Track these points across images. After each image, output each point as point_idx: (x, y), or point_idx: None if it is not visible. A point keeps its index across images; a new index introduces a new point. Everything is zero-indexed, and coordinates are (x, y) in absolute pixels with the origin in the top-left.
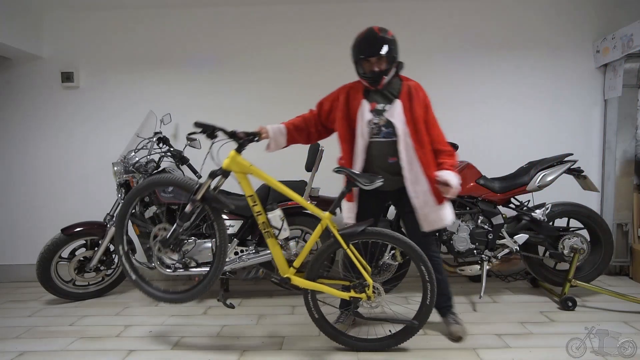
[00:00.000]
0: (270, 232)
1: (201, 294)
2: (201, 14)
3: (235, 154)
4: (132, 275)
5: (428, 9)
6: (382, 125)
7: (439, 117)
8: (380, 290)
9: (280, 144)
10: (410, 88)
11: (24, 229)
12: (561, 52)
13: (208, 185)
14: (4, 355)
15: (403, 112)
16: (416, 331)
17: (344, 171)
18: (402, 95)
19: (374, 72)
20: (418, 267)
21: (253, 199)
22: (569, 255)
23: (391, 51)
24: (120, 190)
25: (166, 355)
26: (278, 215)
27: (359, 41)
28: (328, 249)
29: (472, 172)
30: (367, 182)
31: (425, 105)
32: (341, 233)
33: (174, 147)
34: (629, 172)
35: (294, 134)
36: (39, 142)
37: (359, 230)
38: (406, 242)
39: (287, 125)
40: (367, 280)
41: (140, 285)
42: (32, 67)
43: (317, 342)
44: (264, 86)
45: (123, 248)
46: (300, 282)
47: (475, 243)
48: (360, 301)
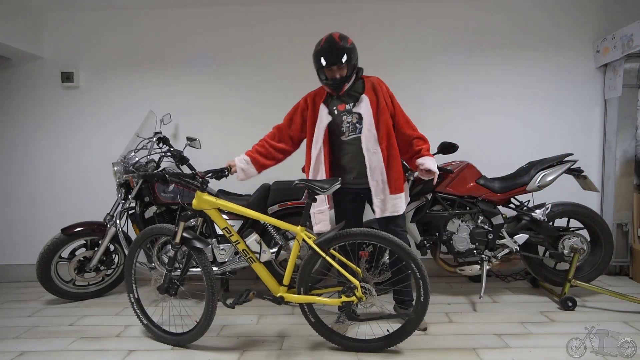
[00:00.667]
0: (253, 257)
1: (200, 334)
2: (201, 14)
3: (199, 193)
4: (143, 320)
5: (428, 8)
6: (355, 122)
7: (439, 117)
8: (371, 290)
9: (250, 173)
10: (374, 83)
11: (24, 229)
12: (561, 52)
13: (182, 227)
14: (4, 355)
15: (370, 104)
16: (413, 329)
17: (302, 183)
18: (367, 91)
19: (336, 79)
20: (407, 264)
21: (228, 230)
22: (569, 255)
23: (351, 59)
24: (120, 190)
25: (166, 355)
26: (254, 240)
27: (320, 50)
28: (310, 261)
29: (472, 172)
30: (325, 187)
31: (389, 95)
32: (317, 242)
33: (174, 147)
34: (629, 172)
35: (259, 161)
36: (39, 142)
37: (332, 236)
38: (390, 239)
39: (252, 155)
40: (354, 283)
41: (151, 329)
42: (32, 67)
43: (317, 342)
44: (264, 86)
45: (134, 296)
46: (293, 299)
47: (475, 243)
48: (354, 303)
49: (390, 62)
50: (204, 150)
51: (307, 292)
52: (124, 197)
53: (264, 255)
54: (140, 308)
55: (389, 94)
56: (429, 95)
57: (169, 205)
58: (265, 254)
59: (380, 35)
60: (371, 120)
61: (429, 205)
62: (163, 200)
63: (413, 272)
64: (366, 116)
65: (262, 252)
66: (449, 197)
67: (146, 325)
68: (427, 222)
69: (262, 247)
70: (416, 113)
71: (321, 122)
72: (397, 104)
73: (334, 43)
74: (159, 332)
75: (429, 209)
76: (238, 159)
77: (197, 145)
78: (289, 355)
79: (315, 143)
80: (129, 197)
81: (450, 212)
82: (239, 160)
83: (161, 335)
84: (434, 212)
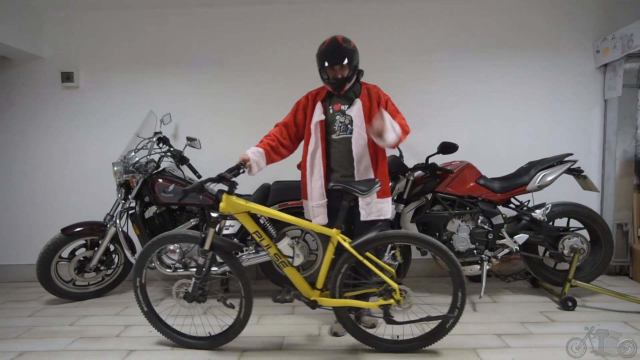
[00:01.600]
0: (285, 261)
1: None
2: (201, 14)
3: (228, 196)
4: (143, 307)
5: (428, 8)
6: (347, 123)
7: (439, 117)
8: (407, 291)
9: (261, 167)
10: (369, 89)
11: (24, 229)
12: (561, 52)
13: (212, 234)
14: (4, 355)
15: (362, 108)
16: (449, 329)
17: (340, 185)
18: (362, 96)
19: (337, 78)
20: (446, 263)
21: (258, 234)
22: (569, 255)
23: (352, 60)
24: (120, 190)
25: (166, 355)
26: (287, 244)
27: (323, 51)
28: (344, 264)
29: (472, 172)
30: (364, 190)
31: (385, 101)
32: (353, 245)
33: (174, 147)
34: (629, 172)
35: (271, 154)
36: (39, 142)
37: (370, 238)
38: (433, 243)
39: (264, 147)
40: (392, 285)
41: (151, 319)
42: (32, 67)
43: (317, 342)
44: (264, 86)
45: (140, 280)
46: (327, 302)
47: (475, 243)
48: (391, 307)
49: (391, 62)
50: (204, 150)
51: (341, 295)
52: (124, 197)
53: (297, 259)
54: (143, 294)
55: (384, 99)
56: (429, 95)
57: (169, 205)
58: (299, 257)
59: (380, 35)
60: (362, 124)
61: (429, 205)
62: (163, 200)
63: (453, 277)
64: (356, 119)
65: (296, 256)
66: (449, 197)
67: (146, 313)
68: (427, 222)
69: (295, 251)
70: (416, 113)
71: (314, 119)
72: (393, 107)
73: (337, 44)
74: (161, 325)
75: (429, 209)
76: (251, 152)
77: (197, 145)
78: (289, 355)
79: (312, 139)
80: (129, 197)
81: (450, 212)
82: (252, 154)
83: (164, 330)
84: (434, 212)
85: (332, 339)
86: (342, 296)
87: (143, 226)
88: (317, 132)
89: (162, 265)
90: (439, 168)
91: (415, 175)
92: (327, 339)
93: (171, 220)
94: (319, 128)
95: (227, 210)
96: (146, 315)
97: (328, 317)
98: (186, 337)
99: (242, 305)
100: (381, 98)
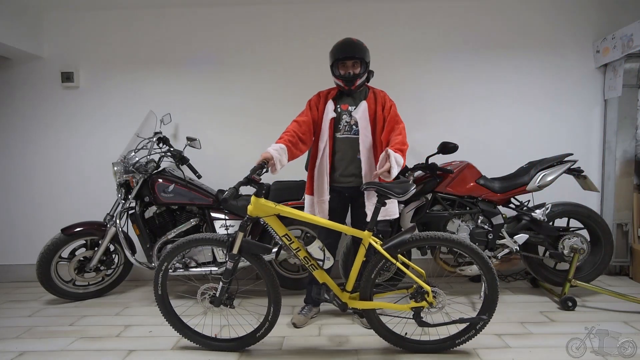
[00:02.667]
0: (315, 264)
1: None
2: (201, 13)
3: (257, 199)
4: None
5: (428, 8)
6: (352, 124)
7: (439, 117)
8: (439, 292)
9: (283, 163)
10: (376, 93)
11: (24, 229)
12: (561, 52)
13: (241, 238)
14: (4, 355)
15: (367, 111)
16: (481, 329)
17: (374, 187)
18: (368, 99)
19: (349, 74)
20: (476, 263)
21: (288, 237)
22: (569, 255)
23: (365, 57)
24: (120, 190)
25: (166, 355)
26: (318, 247)
27: (338, 45)
28: (375, 266)
29: (472, 172)
30: (399, 192)
31: (389, 107)
32: (385, 247)
33: (174, 147)
34: (629, 172)
35: (292, 150)
36: (39, 142)
37: (402, 240)
38: (465, 244)
39: (286, 143)
40: (425, 288)
41: (161, 304)
42: (32, 67)
43: (317, 342)
44: (265, 86)
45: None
46: (358, 304)
47: (475, 243)
48: (423, 309)
49: (391, 61)
50: (204, 150)
51: (371, 297)
52: (124, 197)
53: (327, 262)
54: (164, 277)
55: (389, 104)
56: (429, 95)
57: (169, 205)
58: (329, 260)
59: (381, 35)
60: (367, 126)
61: (429, 205)
62: (163, 200)
63: (486, 281)
64: (361, 121)
65: (326, 259)
66: (449, 197)
67: (159, 296)
68: (427, 222)
69: (325, 254)
70: (416, 113)
71: (327, 116)
72: (397, 113)
73: (351, 41)
74: (171, 314)
75: (429, 209)
76: (273, 150)
77: (197, 145)
78: (289, 355)
79: (322, 137)
80: (129, 197)
81: (450, 212)
82: (274, 151)
83: (174, 322)
84: (434, 212)
85: (332, 339)
86: (372, 298)
87: (143, 226)
88: (328, 129)
89: None
90: (439, 168)
91: (415, 175)
92: (327, 339)
93: (171, 220)
94: (330, 125)
95: (256, 214)
96: (171, 322)
97: (328, 317)
98: (215, 341)
99: (270, 307)
100: (386, 103)
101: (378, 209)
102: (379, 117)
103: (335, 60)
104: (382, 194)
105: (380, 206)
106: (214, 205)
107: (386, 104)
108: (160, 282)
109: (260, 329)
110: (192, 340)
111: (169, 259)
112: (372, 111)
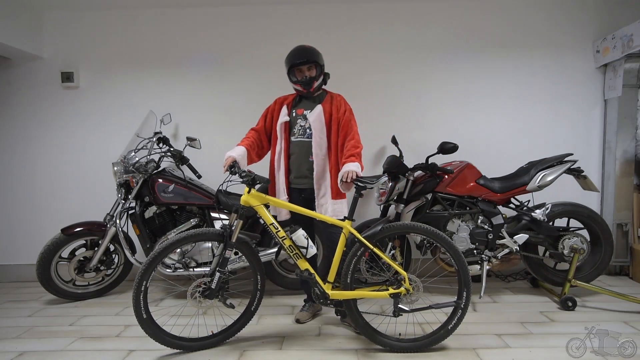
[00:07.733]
0: (299, 253)
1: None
2: (201, 13)
3: (248, 189)
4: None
5: (428, 8)
6: (307, 128)
7: (439, 117)
8: (417, 282)
9: (243, 166)
10: (333, 97)
11: (24, 229)
12: (561, 52)
13: (240, 225)
14: (4, 355)
15: (323, 114)
16: (462, 318)
17: (354, 182)
18: (324, 103)
19: (306, 77)
20: (454, 261)
21: (275, 226)
22: (569, 255)
23: (319, 60)
24: (120, 190)
25: (166, 356)
26: (302, 235)
27: (291, 53)
28: (355, 255)
29: (472, 172)
30: (373, 181)
31: (344, 110)
32: (365, 236)
33: (174, 147)
34: (629, 172)
35: (251, 154)
36: (39, 142)
37: (380, 229)
38: (438, 234)
39: (246, 147)
40: (402, 273)
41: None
42: (32, 67)
43: (317, 342)
44: (265, 85)
45: (145, 284)
46: (339, 295)
47: (475, 243)
48: (401, 296)
49: (390, 61)
50: (204, 150)
51: (352, 288)
52: (124, 197)
53: (310, 250)
54: (144, 299)
55: (344, 108)
56: (429, 95)
57: (169, 205)
58: (312, 249)
59: (380, 34)
60: (322, 128)
61: (428, 205)
62: (163, 200)
63: (458, 269)
64: (315, 124)
65: (309, 247)
66: (449, 197)
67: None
68: (427, 222)
69: (309, 242)
70: (416, 113)
71: (280, 120)
72: (350, 118)
73: (303, 47)
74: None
75: (429, 209)
76: (236, 153)
77: (197, 145)
78: (289, 355)
79: (278, 141)
80: (129, 197)
81: (450, 212)
82: (236, 154)
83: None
84: (434, 212)
85: (332, 339)
86: (352, 289)
87: (143, 226)
88: (282, 133)
89: (162, 265)
90: (439, 168)
91: (415, 175)
92: (327, 338)
93: (171, 220)
94: (284, 129)
95: (248, 202)
96: (143, 323)
97: (328, 318)
98: (190, 341)
99: (255, 297)
100: (341, 107)
101: (357, 198)
102: (334, 120)
103: (290, 66)
104: (362, 184)
105: (358, 197)
106: (213, 205)
107: (341, 107)
108: (142, 305)
109: (241, 318)
110: (193, 350)
111: (146, 277)
112: (327, 114)
